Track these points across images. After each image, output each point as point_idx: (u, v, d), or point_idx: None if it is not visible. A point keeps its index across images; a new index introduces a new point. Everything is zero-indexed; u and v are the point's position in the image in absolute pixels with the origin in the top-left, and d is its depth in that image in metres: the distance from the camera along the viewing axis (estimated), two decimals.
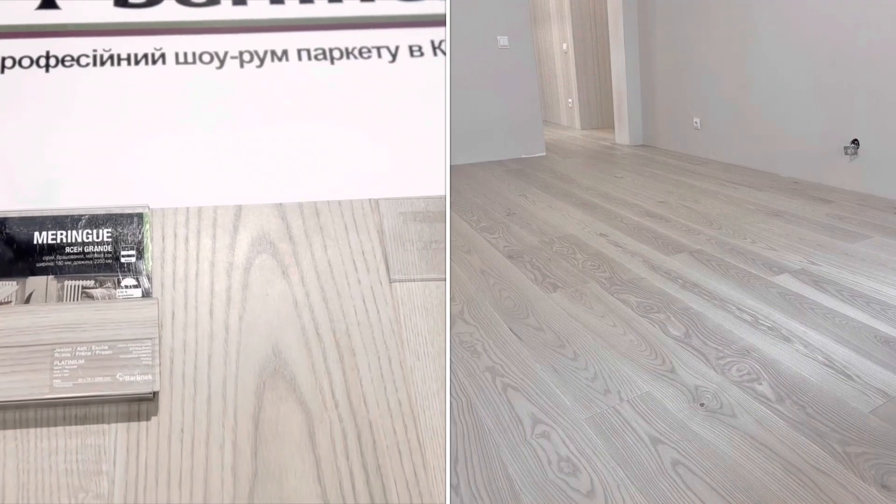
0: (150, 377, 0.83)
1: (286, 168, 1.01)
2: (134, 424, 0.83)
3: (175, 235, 0.94)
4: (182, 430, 0.84)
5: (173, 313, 0.89)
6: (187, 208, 0.96)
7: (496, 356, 1.51)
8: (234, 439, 0.84)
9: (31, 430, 0.82)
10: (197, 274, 0.92)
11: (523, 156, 4.82)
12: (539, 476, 1.08)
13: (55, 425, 0.83)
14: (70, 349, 0.83)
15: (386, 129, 1.05)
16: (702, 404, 1.26)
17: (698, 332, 1.58)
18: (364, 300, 0.93)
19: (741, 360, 1.42)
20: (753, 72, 3.64)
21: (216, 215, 0.96)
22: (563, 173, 3.98)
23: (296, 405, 0.86)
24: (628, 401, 1.29)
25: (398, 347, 0.90)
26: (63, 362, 0.82)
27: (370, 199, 1.00)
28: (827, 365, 1.38)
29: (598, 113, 6.69)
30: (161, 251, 0.93)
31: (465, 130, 4.60)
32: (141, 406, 0.84)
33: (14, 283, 0.88)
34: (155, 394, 0.84)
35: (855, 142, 2.97)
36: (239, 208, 0.97)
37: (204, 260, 0.93)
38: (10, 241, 0.90)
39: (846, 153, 3.01)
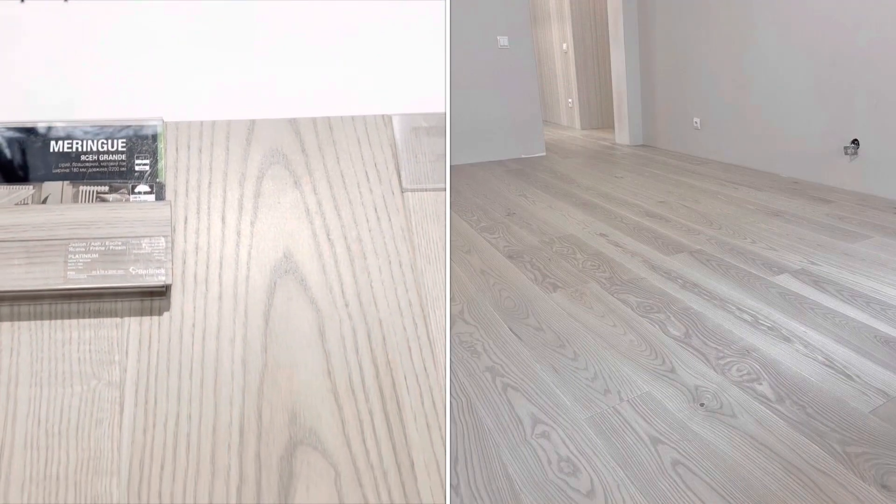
0: (162, 271, 0.85)
1: (299, 85, 1.03)
2: (147, 318, 0.86)
3: (189, 147, 0.97)
4: (193, 325, 0.86)
5: (186, 218, 0.92)
6: (201, 122, 0.99)
7: (496, 356, 1.51)
8: (244, 334, 0.86)
9: (46, 322, 0.84)
10: (210, 183, 0.94)
11: (523, 156, 4.82)
12: (539, 476, 1.08)
13: (69, 318, 0.85)
14: (84, 244, 0.86)
15: (400, 47, 1.06)
16: (702, 404, 1.26)
17: (698, 332, 1.58)
18: (376, 208, 0.95)
19: (741, 360, 1.42)
20: (753, 72, 3.64)
21: (229, 129, 0.98)
22: (563, 173, 3.98)
23: (306, 303, 0.88)
24: (628, 401, 1.29)
25: (409, 252, 0.92)
26: (77, 256, 0.85)
27: (383, 115, 1.02)
28: (827, 365, 1.38)
29: (598, 113, 6.70)
30: (174, 161, 0.95)
31: (465, 130, 4.60)
32: (154, 302, 0.87)
33: (31, 187, 0.91)
34: (167, 288, 0.86)
35: (855, 142, 2.97)
36: (252, 122, 0.99)
37: (217, 170, 0.95)
38: (27, 149, 0.94)
39: (846, 153, 3.01)
